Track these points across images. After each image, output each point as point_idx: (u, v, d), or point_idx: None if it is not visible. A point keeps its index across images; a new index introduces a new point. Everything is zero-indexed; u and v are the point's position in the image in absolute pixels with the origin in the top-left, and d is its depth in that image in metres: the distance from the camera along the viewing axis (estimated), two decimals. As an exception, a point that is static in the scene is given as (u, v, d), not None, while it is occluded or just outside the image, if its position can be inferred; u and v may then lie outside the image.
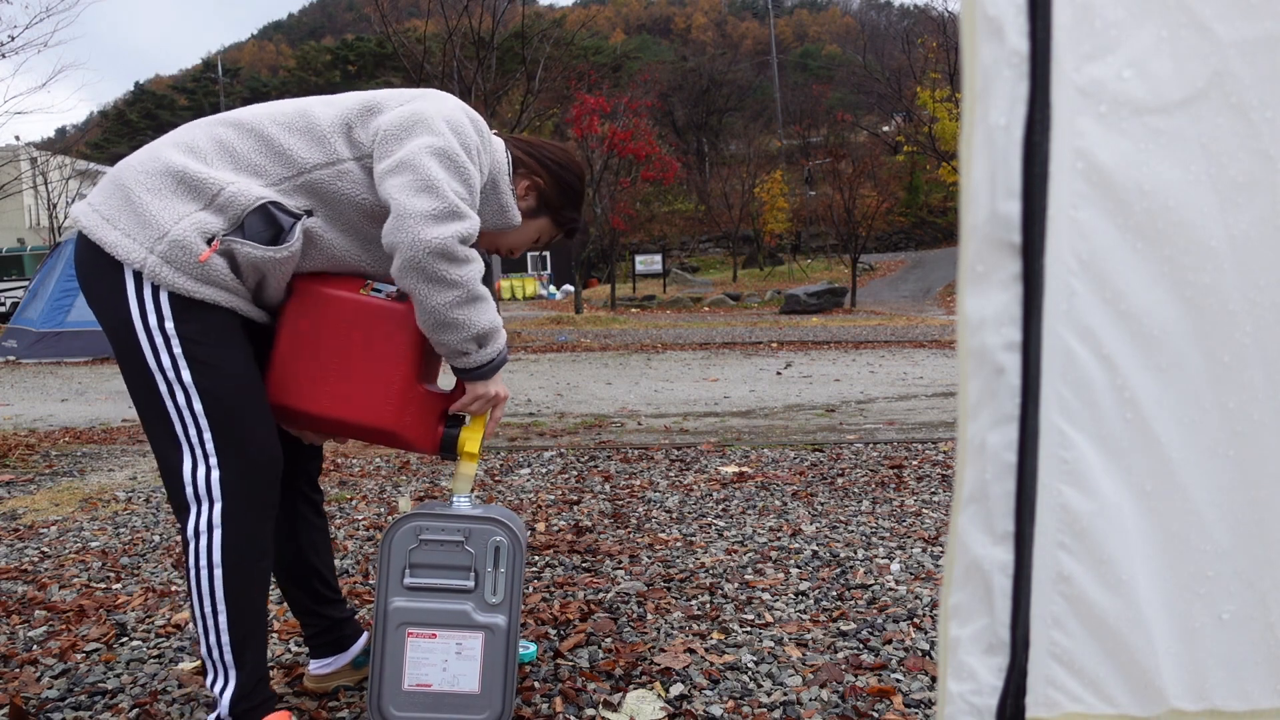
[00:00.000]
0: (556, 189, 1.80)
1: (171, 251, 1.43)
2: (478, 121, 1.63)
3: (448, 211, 1.46)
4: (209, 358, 1.47)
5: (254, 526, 1.50)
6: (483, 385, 1.63)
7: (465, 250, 1.48)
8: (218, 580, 1.46)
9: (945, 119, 27.42)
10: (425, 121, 1.52)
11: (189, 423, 1.47)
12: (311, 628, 1.82)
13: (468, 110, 1.63)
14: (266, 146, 1.52)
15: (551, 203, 1.81)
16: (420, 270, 1.45)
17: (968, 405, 0.71)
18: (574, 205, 1.85)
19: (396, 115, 1.54)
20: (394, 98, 1.60)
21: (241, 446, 1.48)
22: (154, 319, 1.45)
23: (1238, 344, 0.72)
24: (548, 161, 1.79)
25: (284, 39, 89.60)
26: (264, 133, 1.52)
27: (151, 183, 1.46)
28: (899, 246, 37.98)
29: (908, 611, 2.25)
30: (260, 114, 1.56)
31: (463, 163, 1.52)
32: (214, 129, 1.53)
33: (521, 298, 31.62)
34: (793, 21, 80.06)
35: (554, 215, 1.82)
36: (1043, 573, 0.73)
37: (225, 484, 1.46)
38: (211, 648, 1.49)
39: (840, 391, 7.14)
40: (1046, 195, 0.67)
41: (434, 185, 1.47)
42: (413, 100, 1.58)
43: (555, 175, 1.79)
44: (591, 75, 25.04)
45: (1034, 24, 0.66)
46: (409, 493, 3.71)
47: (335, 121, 1.54)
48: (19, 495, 3.85)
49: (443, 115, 1.55)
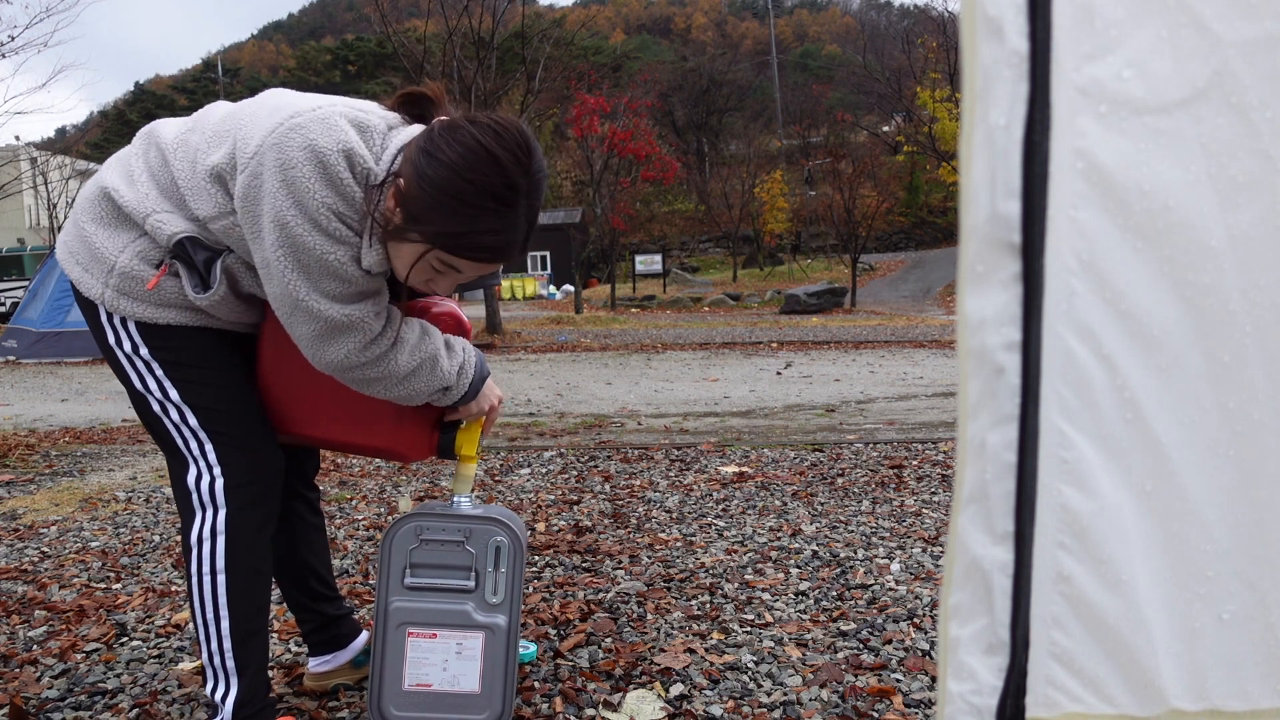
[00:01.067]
0: (416, 189, 1.29)
1: (123, 283, 1.43)
2: (330, 152, 1.28)
3: (329, 328, 1.35)
4: (192, 375, 1.47)
5: (257, 533, 1.50)
6: (468, 405, 1.60)
7: (369, 353, 1.39)
8: (220, 586, 1.47)
9: (945, 119, 27.43)
10: (267, 200, 1.30)
11: (189, 437, 1.48)
12: (308, 624, 1.82)
13: (324, 136, 1.29)
14: (174, 185, 1.42)
15: (409, 210, 1.31)
16: (339, 377, 1.44)
17: (968, 405, 0.71)
18: (450, 212, 1.29)
19: (244, 184, 1.32)
20: (249, 139, 1.33)
21: (242, 455, 1.48)
22: (130, 347, 1.46)
23: (1238, 344, 0.72)
24: (419, 151, 1.30)
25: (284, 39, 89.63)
26: (172, 167, 1.42)
27: (94, 211, 1.46)
28: (899, 246, 37.99)
29: (908, 611, 2.25)
30: (176, 140, 1.44)
31: (319, 257, 1.30)
32: (148, 150, 1.47)
33: (521, 298, 31.62)
34: (793, 21, 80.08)
35: (418, 227, 1.31)
36: (1043, 573, 0.73)
37: (229, 491, 1.47)
38: (213, 654, 1.49)
39: (840, 391, 7.14)
40: (1046, 195, 0.67)
41: (301, 305, 1.33)
42: (261, 150, 1.30)
43: (418, 170, 1.29)
44: (591, 75, 25.06)
45: (1034, 24, 0.66)
46: (409, 493, 3.71)
47: (210, 171, 1.37)
48: (19, 495, 3.85)
49: (285, 187, 1.28)
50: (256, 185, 1.31)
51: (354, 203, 1.32)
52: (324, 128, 1.30)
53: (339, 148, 1.29)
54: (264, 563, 1.53)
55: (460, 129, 1.30)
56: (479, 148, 1.28)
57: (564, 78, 20.06)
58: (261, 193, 1.30)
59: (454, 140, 1.29)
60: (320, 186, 1.28)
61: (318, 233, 1.30)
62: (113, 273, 1.43)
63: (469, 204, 1.29)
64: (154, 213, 1.41)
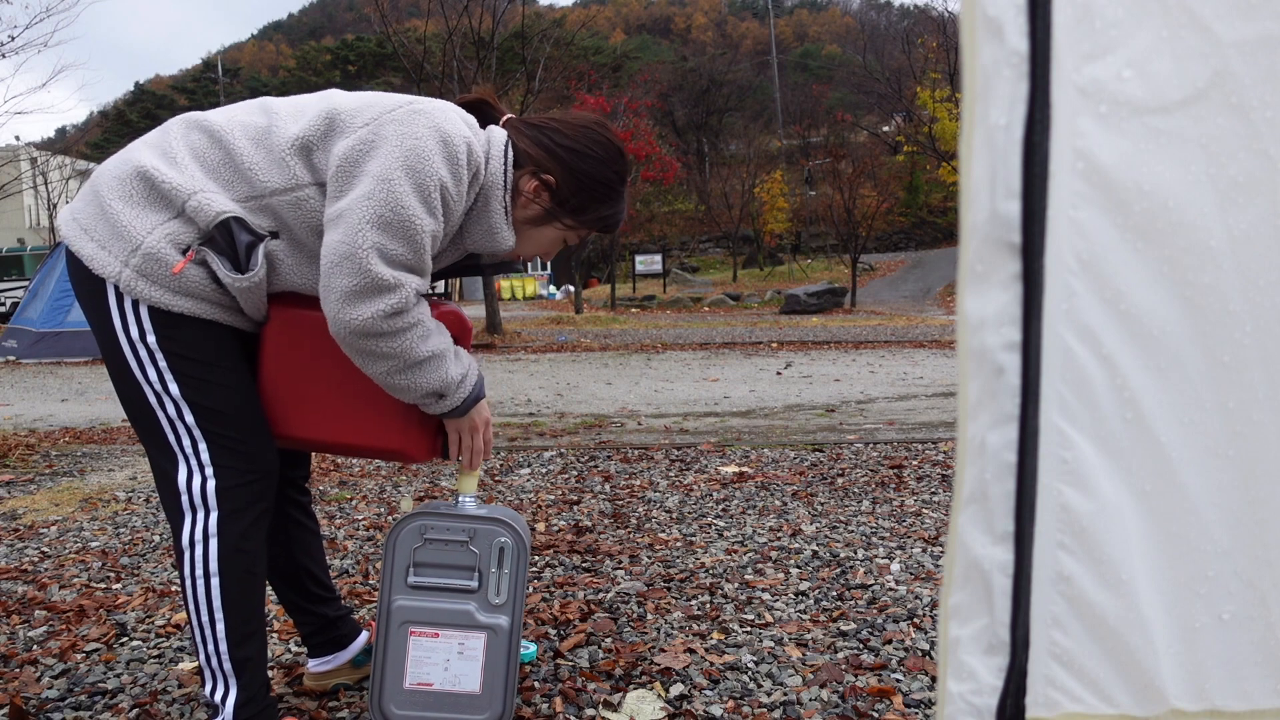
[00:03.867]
0: (573, 184, 1.55)
1: (146, 264, 1.39)
2: (457, 138, 1.42)
3: (369, 287, 1.36)
4: (196, 371, 1.44)
5: (250, 534, 1.49)
6: (455, 422, 1.57)
7: (392, 323, 1.39)
8: (214, 589, 1.45)
9: (945, 119, 27.44)
10: (379, 159, 1.38)
11: (182, 434, 1.45)
12: (307, 626, 1.82)
13: (447, 123, 1.43)
14: (231, 161, 1.43)
15: (568, 201, 1.56)
16: (345, 345, 1.41)
17: (968, 405, 0.71)
18: (602, 198, 1.58)
19: (352, 144, 1.39)
20: (359, 113, 1.43)
21: (236, 456, 1.46)
22: (136, 333, 1.42)
23: (1238, 344, 0.72)
24: (559, 150, 1.54)
25: (284, 39, 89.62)
26: (229, 145, 1.43)
27: (123, 189, 1.42)
28: (899, 246, 37.98)
29: (908, 611, 2.25)
30: (230, 121, 1.47)
31: (408, 218, 1.37)
32: (189, 133, 1.46)
33: (521, 298, 31.61)
34: (793, 21, 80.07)
35: (575, 216, 1.58)
36: (1043, 573, 0.73)
37: (221, 493, 1.45)
38: (210, 656, 1.47)
39: (840, 391, 7.14)
40: (1046, 195, 0.67)
41: (356, 256, 1.35)
42: (378, 121, 1.41)
43: (569, 167, 1.54)
44: (591, 75, 25.05)
45: (1034, 24, 0.66)
46: (410, 493, 3.71)
47: (295, 142, 1.42)
48: (19, 495, 3.85)
49: (403, 152, 1.38)
50: (369, 145, 1.39)
51: (461, 186, 1.45)
52: (447, 117, 1.44)
53: (462, 137, 1.43)
54: (258, 564, 1.52)
55: (590, 129, 1.57)
56: (611, 145, 1.58)
57: (564, 78, 20.05)
58: (374, 153, 1.38)
59: (594, 140, 1.56)
60: (441, 162, 1.40)
61: (418, 198, 1.38)
62: (136, 252, 1.39)
63: (614, 189, 1.59)
64: (199, 191, 1.40)
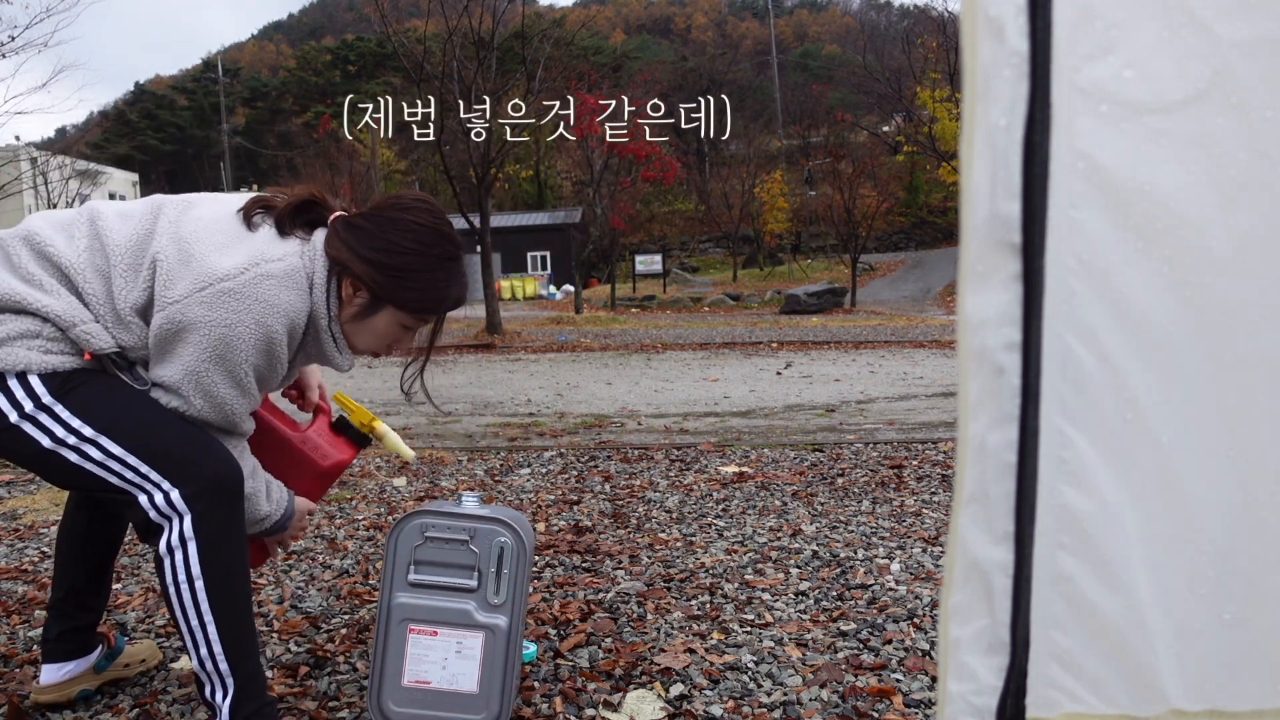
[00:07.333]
0: (386, 281, 1.50)
1: (22, 335, 1.41)
2: (273, 322, 1.41)
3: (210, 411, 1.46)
4: (99, 406, 1.43)
5: (227, 530, 1.47)
6: (279, 535, 1.67)
7: None
8: (200, 591, 1.44)
9: (945, 119, 27.43)
10: (190, 346, 1.41)
11: (120, 469, 1.43)
12: (76, 620, 1.78)
13: (260, 306, 1.40)
14: (88, 302, 1.44)
15: (386, 293, 1.51)
16: None
17: (968, 405, 0.71)
18: (425, 285, 1.53)
19: (160, 324, 1.41)
20: (172, 280, 1.41)
21: (182, 464, 1.44)
22: (31, 406, 1.40)
23: (1238, 344, 0.72)
24: (368, 254, 1.49)
25: (284, 39, 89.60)
26: (84, 293, 1.44)
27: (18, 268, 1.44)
28: (899, 246, 38.00)
29: (908, 611, 2.25)
30: (79, 262, 1.45)
31: (221, 401, 1.46)
32: (91, 257, 1.45)
33: (521, 298, 31.61)
34: (793, 21, 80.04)
35: (399, 307, 1.54)
36: (1043, 573, 0.73)
37: (186, 498, 1.43)
38: (204, 659, 1.46)
39: (840, 391, 7.15)
40: (1046, 195, 0.67)
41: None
42: (185, 301, 1.39)
43: (375, 265, 1.49)
44: (591, 75, 25.02)
45: (1034, 24, 0.66)
46: (410, 493, 3.71)
47: (133, 308, 1.43)
48: (19, 495, 3.85)
49: (211, 342, 1.40)
50: (177, 327, 1.41)
51: (281, 351, 1.47)
52: (261, 295, 1.41)
53: (281, 315, 1.43)
54: (240, 555, 1.50)
55: (398, 221, 1.51)
56: (425, 231, 1.52)
57: (564, 78, 20.03)
58: (184, 337, 1.41)
59: (404, 232, 1.51)
60: (251, 349, 1.43)
61: (230, 384, 1.45)
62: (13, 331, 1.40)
63: (434, 274, 1.53)
64: (79, 324, 1.42)
